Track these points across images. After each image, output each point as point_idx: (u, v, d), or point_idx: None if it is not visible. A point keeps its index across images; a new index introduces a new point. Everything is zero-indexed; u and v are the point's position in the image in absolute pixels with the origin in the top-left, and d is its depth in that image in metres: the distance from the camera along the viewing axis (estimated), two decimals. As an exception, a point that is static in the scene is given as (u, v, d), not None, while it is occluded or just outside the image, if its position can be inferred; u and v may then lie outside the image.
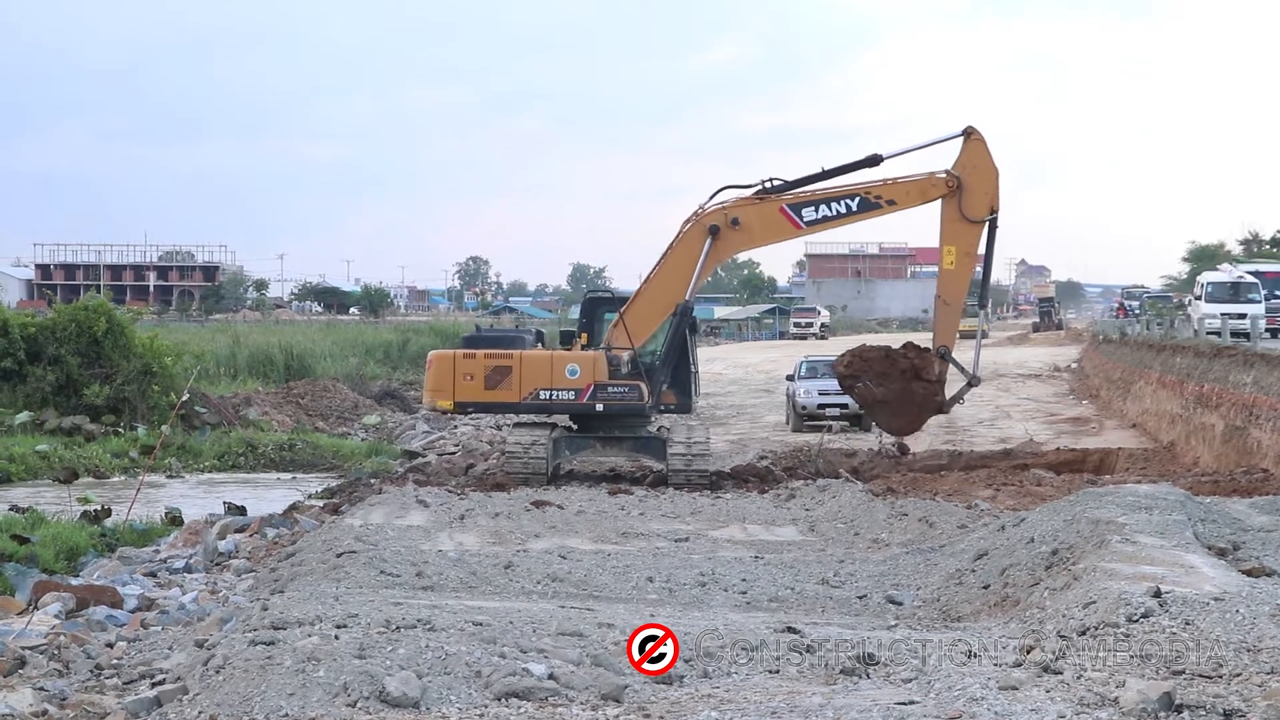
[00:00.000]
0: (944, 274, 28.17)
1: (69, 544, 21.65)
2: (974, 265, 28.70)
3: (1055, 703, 9.65)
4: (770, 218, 27.99)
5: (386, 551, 18.00)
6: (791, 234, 28.29)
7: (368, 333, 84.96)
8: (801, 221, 27.89)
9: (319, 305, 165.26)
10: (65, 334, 40.78)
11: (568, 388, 27.75)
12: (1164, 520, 15.82)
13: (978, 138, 27.76)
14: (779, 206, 27.91)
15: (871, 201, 27.86)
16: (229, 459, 36.47)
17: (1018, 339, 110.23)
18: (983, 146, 27.78)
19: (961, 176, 27.64)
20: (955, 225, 27.68)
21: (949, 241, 27.76)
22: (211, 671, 11.12)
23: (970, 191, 27.60)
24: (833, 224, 28.23)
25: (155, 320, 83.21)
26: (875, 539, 20.69)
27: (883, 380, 27.90)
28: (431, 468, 32.31)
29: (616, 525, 22.09)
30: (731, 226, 27.82)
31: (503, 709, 10.16)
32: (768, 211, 27.96)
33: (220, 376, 54.71)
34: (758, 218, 28.03)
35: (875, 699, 10.05)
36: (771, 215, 27.95)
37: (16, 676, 13.11)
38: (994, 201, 27.64)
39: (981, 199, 27.63)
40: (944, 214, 27.78)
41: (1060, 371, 65.26)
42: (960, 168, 27.76)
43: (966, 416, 44.59)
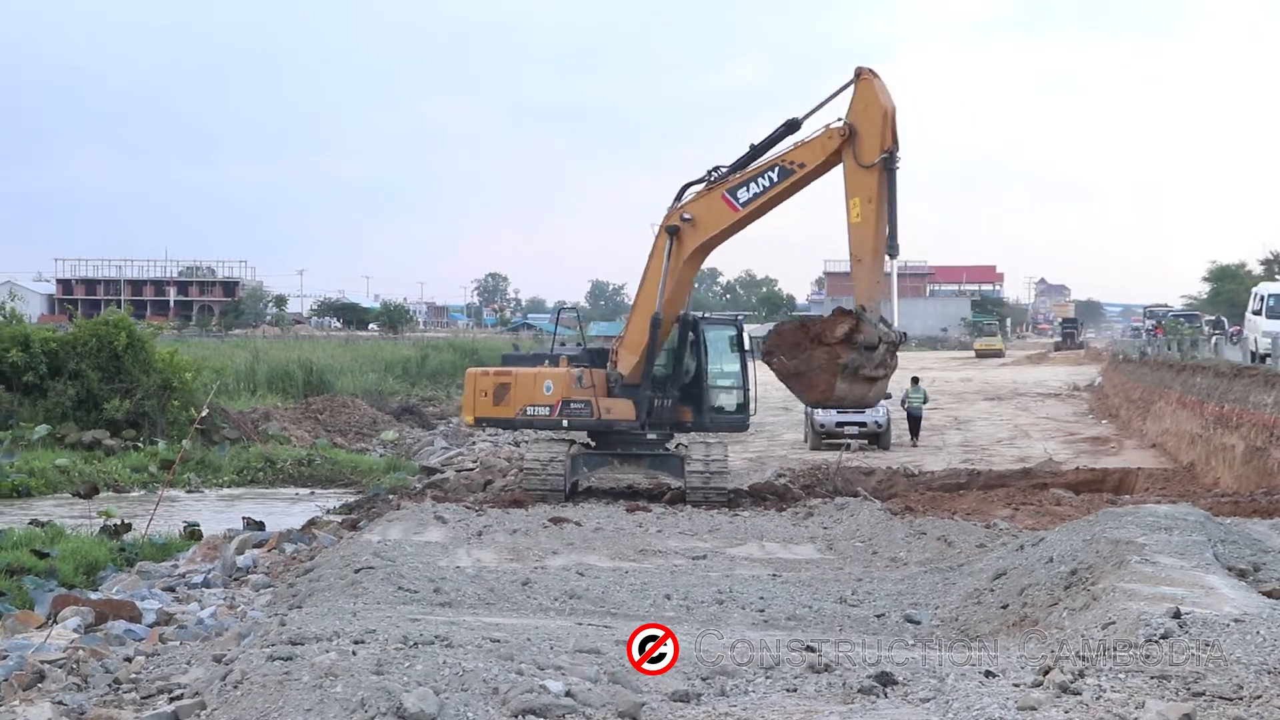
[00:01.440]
0: (851, 228, 26.15)
1: (88, 558, 21.72)
2: (881, 214, 26.03)
3: (1074, 723, 9.62)
4: (714, 206, 27.36)
5: (404, 567, 18.00)
6: (733, 219, 27.33)
7: (386, 349, 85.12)
8: (739, 204, 27.13)
9: (338, 321, 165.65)
10: (86, 349, 40.94)
11: (544, 404, 27.97)
12: (1184, 541, 15.75)
13: (867, 78, 26.17)
14: (720, 194, 27.28)
15: (787, 169, 26.81)
16: (248, 474, 36.55)
17: (1037, 358, 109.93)
18: (870, 86, 26.16)
19: (854, 123, 26.15)
20: (854, 175, 26.04)
21: (852, 193, 26.07)
22: (229, 687, 11.13)
23: (862, 136, 25.97)
24: (764, 202, 27.02)
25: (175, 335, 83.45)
26: (893, 558, 20.66)
27: (794, 352, 26.59)
28: (450, 484, 32.32)
29: (634, 542, 22.09)
30: (686, 223, 27.45)
31: (520, 726, 10.15)
32: (712, 200, 27.37)
33: (240, 392, 54.86)
34: (705, 209, 27.44)
35: (893, 718, 10.02)
36: (715, 203, 27.34)
37: (35, 690, 13.13)
38: (885, 141, 25.89)
39: (873, 141, 25.88)
40: (844, 166, 26.35)
41: (1080, 391, 65.14)
42: (852, 114, 26.25)
43: (985, 435, 44.56)
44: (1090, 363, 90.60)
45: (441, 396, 66.57)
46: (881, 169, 25.83)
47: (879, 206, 25.77)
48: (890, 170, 25.91)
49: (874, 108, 26.05)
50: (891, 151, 25.88)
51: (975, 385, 70.86)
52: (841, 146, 26.18)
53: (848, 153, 26.13)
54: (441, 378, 73.21)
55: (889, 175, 25.93)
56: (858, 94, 26.27)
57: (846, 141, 26.08)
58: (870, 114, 26.05)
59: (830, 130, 26.40)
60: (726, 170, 27.27)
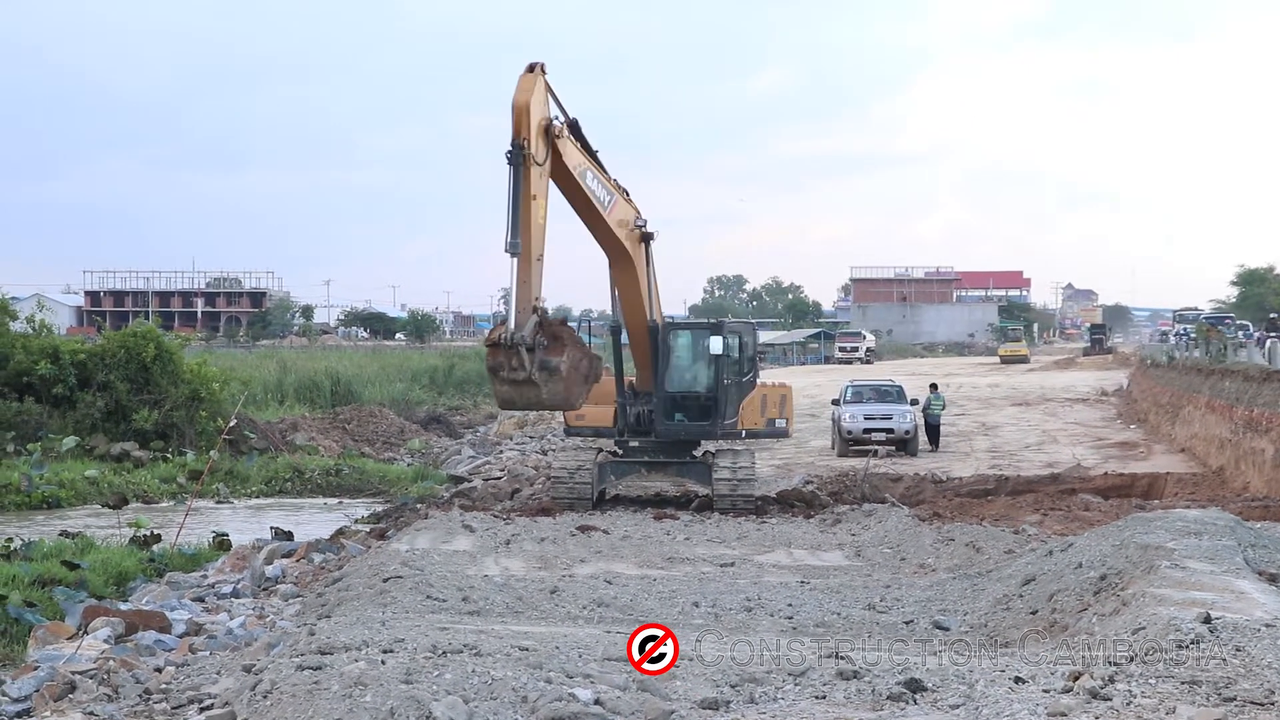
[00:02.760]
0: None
1: (118, 569, 21.80)
2: (527, 208, 23.60)
3: (1104, 729, 9.59)
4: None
5: (433, 576, 18.03)
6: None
7: (413, 358, 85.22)
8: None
9: (365, 331, 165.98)
10: (114, 360, 41.13)
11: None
12: (1214, 545, 15.69)
13: (525, 73, 24.28)
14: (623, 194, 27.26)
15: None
16: (276, 484, 36.67)
17: (1064, 363, 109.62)
18: (521, 82, 24.21)
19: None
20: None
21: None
22: (259, 696, 11.16)
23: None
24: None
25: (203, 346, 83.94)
26: (922, 564, 20.62)
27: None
28: (477, 493, 32.36)
29: (662, 550, 22.09)
30: (640, 228, 27.51)
31: (549, 734, 10.16)
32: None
33: (267, 402, 55.01)
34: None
35: (922, 725, 10.01)
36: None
37: (66, 701, 13.22)
38: (515, 135, 23.54)
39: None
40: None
41: (1108, 396, 64.93)
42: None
43: (1013, 441, 44.43)
44: (1118, 367, 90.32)
45: (469, 405, 66.64)
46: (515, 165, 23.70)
47: (524, 201, 23.71)
48: (515, 165, 23.61)
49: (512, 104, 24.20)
50: (519, 146, 23.63)
51: (1003, 391, 70.67)
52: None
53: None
54: (469, 387, 73.23)
55: (514, 170, 23.59)
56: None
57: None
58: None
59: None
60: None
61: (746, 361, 29.22)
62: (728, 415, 28.42)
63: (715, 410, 28.34)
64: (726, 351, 28.52)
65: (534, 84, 23.99)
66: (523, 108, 23.81)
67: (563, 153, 24.60)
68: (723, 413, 28.37)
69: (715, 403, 28.35)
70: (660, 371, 28.19)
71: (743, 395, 28.75)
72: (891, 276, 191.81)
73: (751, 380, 29.14)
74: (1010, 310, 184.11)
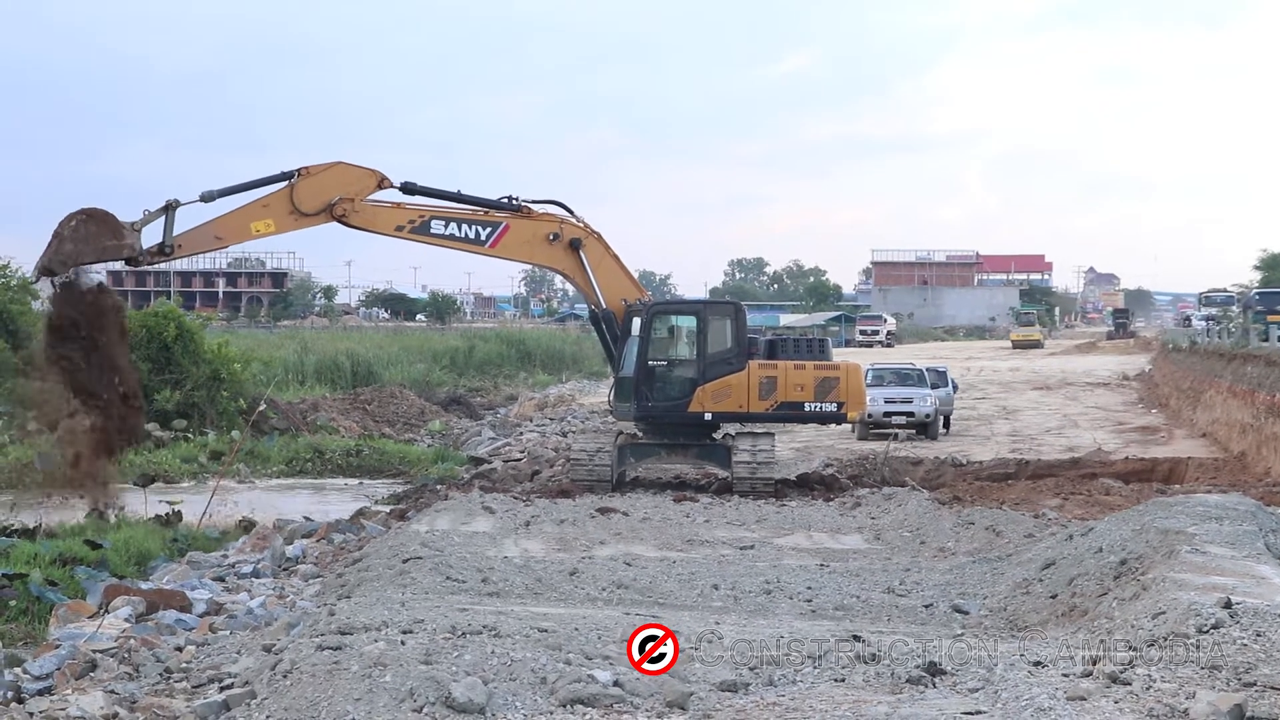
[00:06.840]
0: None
1: (140, 548, 21.85)
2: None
3: (1124, 714, 9.58)
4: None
5: (452, 558, 18.05)
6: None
7: (434, 339, 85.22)
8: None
9: (386, 312, 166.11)
10: (136, 340, 41.00)
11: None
12: (1234, 530, 15.65)
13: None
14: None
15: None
16: (297, 464, 36.70)
17: (1086, 347, 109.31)
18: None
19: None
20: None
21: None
22: (279, 676, 11.20)
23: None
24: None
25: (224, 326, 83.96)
26: (941, 548, 20.60)
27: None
28: (497, 474, 32.39)
29: (681, 532, 22.09)
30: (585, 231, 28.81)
31: (568, 715, 10.18)
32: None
33: (288, 382, 55.04)
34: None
35: (941, 708, 10.00)
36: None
37: (88, 679, 13.27)
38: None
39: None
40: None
41: (1129, 380, 64.76)
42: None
43: (1034, 425, 44.35)
44: (1140, 352, 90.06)
45: (489, 387, 66.69)
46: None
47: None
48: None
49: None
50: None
51: (1024, 375, 70.52)
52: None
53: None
54: (489, 368, 73.29)
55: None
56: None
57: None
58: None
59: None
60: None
61: (732, 342, 28.21)
62: (689, 396, 27.84)
63: (644, 390, 27.84)
64: (669, 334, 28.69)
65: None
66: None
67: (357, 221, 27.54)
68: (677, 394, 27.91)
69: (649, 381, 27.85)
70: (616, 355, 28.64)
71: (723, 376, 27.87)
72: (913, 260, 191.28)
73: (736, 362, 28.04)
74: (1031, 294, 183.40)
